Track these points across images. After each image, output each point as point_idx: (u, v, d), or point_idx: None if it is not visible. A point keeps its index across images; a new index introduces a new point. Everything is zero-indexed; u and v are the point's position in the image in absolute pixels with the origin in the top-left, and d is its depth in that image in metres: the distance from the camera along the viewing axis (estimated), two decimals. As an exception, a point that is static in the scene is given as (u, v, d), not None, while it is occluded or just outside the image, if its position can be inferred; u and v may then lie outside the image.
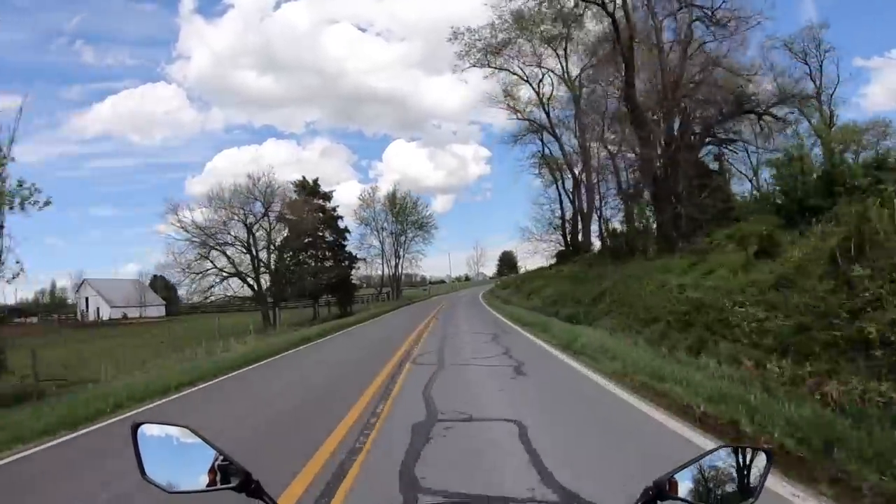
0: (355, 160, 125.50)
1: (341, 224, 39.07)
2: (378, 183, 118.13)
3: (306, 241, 34.05)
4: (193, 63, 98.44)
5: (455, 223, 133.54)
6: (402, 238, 52.96)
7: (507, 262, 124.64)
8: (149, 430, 1.05)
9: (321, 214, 35.10)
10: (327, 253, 37.13)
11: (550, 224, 37.27)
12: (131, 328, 38.83)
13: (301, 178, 36.61)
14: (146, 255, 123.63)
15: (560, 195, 35.90)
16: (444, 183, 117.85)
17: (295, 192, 34.94)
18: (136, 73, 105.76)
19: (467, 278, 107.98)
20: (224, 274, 30.18)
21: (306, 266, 34.53)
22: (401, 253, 52.77)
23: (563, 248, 35.78)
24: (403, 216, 51.59)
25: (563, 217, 36.36)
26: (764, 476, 0.99)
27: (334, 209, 37.92)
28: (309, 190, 36.29)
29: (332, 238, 37.55)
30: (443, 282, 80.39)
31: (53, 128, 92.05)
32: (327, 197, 37.47)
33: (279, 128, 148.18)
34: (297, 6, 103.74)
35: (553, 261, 36.65)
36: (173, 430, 1.05)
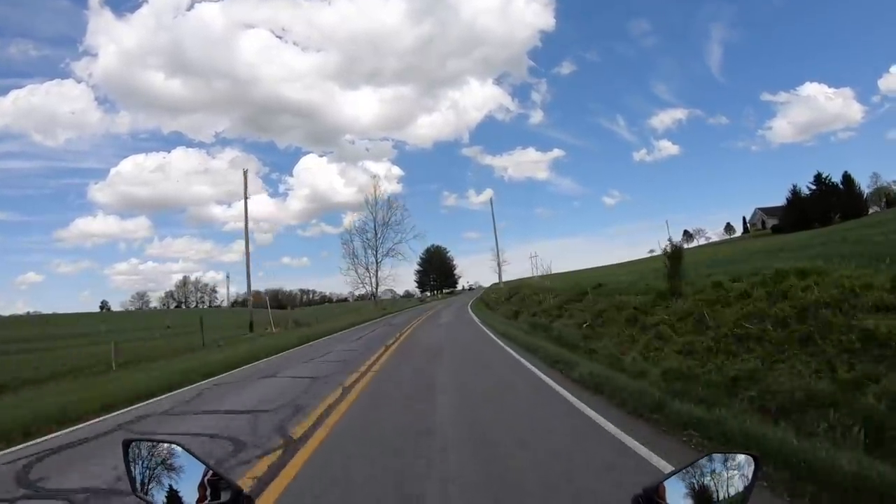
0: (266, 172, 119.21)
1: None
2: (288, 198, 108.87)
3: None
4: (101, 60, 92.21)
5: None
6: None
7: (439, 267, 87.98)
8: (139, 447, 1.05)
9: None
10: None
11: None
12: None
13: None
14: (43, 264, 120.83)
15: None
16: (355, 200, 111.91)
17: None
18: (41, 68, 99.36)
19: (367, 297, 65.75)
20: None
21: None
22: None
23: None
24: None
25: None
26: (752, 481, 0.99)
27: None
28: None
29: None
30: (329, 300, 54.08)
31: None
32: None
33: (189, 135, 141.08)
34: (211, 7, 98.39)
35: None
36: (163, 447, 1.05)
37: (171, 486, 1.03)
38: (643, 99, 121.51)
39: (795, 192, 64.02)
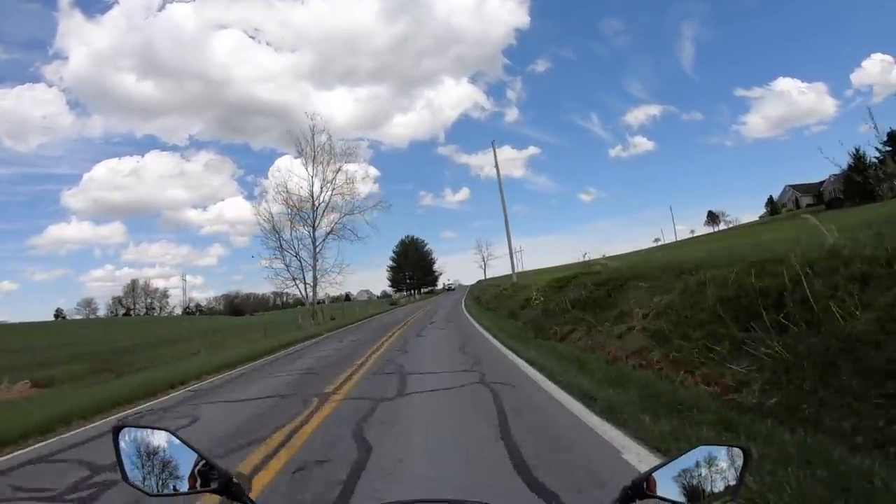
0: (241, 175, 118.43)
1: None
2: (264, 200, 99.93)
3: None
4: (72, 63, 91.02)
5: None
6: None
7: (416, 262, 74.99)
8: (130, 434, 1.05)
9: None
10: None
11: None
12: None
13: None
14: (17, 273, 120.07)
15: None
16: (332, 201, 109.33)
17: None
18: (11, 72, 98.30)
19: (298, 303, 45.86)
20: None
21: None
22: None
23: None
24: None
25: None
26: (742, 474, 0.99)
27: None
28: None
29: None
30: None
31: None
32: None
33: (162, 138, 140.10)
34: (183, 7, 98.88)
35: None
36: (154, 434, 1.05)
37: (162, 472, 1.03)
38: (617, 96, 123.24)
39: (859, 157, 45.37)
